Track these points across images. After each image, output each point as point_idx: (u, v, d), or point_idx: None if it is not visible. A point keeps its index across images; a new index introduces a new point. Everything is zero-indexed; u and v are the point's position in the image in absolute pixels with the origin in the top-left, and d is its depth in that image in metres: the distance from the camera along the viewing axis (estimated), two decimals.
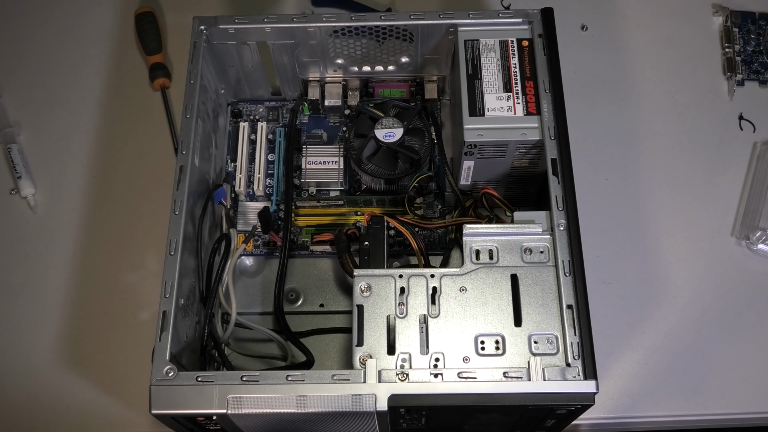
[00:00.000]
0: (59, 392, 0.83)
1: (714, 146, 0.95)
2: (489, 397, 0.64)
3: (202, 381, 0.65)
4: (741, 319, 0.85)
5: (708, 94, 0.98)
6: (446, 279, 0.69)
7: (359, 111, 0.86)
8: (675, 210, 0.91)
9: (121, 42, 1.02)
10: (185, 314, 0.73)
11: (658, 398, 0.82)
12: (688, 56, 1.00)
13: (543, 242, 0.70)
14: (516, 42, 0.79)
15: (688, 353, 0.84)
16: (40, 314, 0.86)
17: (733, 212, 0.91)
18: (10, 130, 0.95)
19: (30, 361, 0.84)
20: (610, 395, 0.82)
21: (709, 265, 0.88)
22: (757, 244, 0.88)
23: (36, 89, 0.99)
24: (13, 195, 0.92)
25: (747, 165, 0.93)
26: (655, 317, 0.85)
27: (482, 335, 0.67)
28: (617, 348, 0.84)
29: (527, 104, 0.76)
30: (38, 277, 0.88)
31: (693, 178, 0.93)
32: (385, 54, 0.86)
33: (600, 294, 0.86)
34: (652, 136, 0.95)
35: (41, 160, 0.95)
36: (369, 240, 0.75)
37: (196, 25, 0.80)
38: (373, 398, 0.64)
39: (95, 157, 0.94)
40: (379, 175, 0.83)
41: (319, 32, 0.81)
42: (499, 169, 0.80)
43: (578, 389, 0.64)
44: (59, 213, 0.92)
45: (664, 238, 0.89)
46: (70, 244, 0.90)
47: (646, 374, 0.83)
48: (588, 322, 0.66)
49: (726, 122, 0.96)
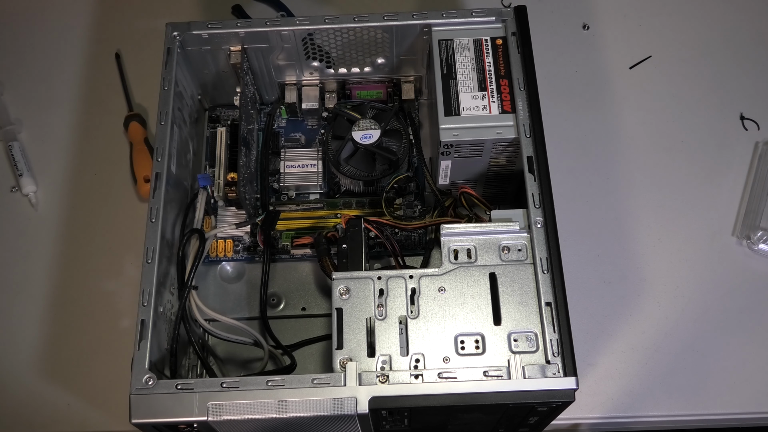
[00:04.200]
0: (37, 399, 0.82)
1: (715, 146, 0.95)
2: (469, 396, 0.64)
3: (181, 389, 0.65)
4: (741, 319, 0.85)
5: (710, 93, 0.98)
6: (425, 279, 0.69)
7: (336, 113, 0.86)
8: (676, 209, 0.91)
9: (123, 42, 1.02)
10: (165, 322, 0.73)
11: (659, 398, 0.82)
12: (690, 55, 1.00)
13: (521, 240, 0.70)
14: (490, 41, 0.79)
15: (689, 353, 0.84)
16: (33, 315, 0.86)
17: (734, 212, 0.91)
18: (11, 127, 0.95)
19: (8, 367, 0.84)
20: (611, 395, 0.82)
21: (710, 265, 0.88)
22: (758, 244, 0.88)
23: (37, 87, 0.99)
24: (14, 193, 0.92)
25: (748, 165, 0.93)
26: (656, 317, 0.85)
27: (462, 335, 0.67)
28: (618, 347, 0.84)
29: (502, 102, 0.76)
30: (37, 275, 0.88)
31: (694, 178, 0.93)
32: (360, 55, 0.86)
33: (601, 293, 0.86)
34: (654, 135, 0.95)
35: (42, 157, 0.95)
36: (347, 243, 0.75)
37: (169, 32, 0.80)
38: (354, 401, 0.64)
39: (97, 155, 0.94)
40: (358, 177, 0.83)
41: (293, 35, 0.81)
42: (476, 168, 0.80)
43: (558, 386, 0.64)
44: (60, 210, 0.91)
45: (665, 238, 0.89)
46: (72, 241, 0.89)
47: (647, 374, 0.83)
48: (567, 318, 0.66)
49: (728, 122, 0.96)
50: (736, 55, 1.00)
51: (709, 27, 1.02)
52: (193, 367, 0.79)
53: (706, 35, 1.02)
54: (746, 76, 0.99)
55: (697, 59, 1.00)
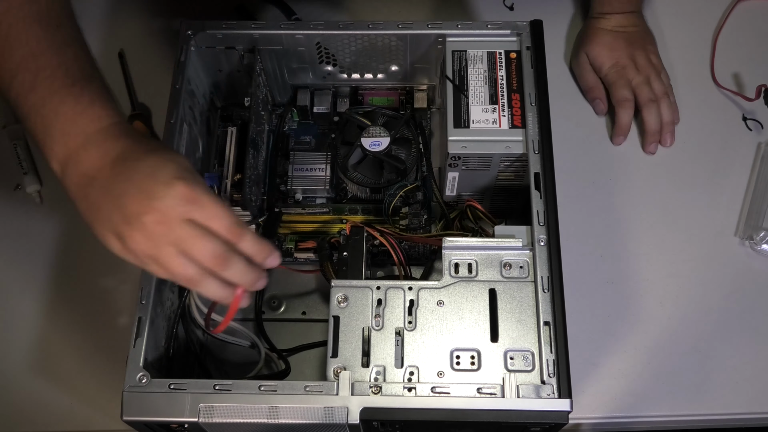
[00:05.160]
0: (32, 395, 0.82)
1: (718, 146, 0.94)
2: (461, 413, 0.63)
3: (174, 389, 0.65)
4: (744, 319, 0.85)
5: (713, 94, 0.97)
6: (424, 292, 0.69)
7: (347, 119, 0.85)
8: (679, 209, 0.91)
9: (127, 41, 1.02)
10: (164, 320, 0.73)
11: (661, 398, 0.81)
12: (692, 56, 1.00)
13: (523, 257, 0.70)
14: (504, 54, 0.78)
15: (692, 353, 0.83)
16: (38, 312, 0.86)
17: (737, 212, 0.90)
18: (16, 126, 0.96)
19: (9, 364, 0.84)
20: (613, 394, 0.82)
21: (713, 266, 0.88)
22: (760, 244, 0.87)
23: None
24: (19, 191, 0.93)
25: (751, 165, 0.93)
26: (659, 317, 0.85)
27: (458, 350, 0.66)
28: (620, 347, 0.84)
29: (512, 117, 0.76)
30: (41, 273, 0.88)
31: (697, 178, 0.93)
32: (374, 62, 0.85)
33: (603, 293, 0.86)
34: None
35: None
36: (348, 250, 0.75)
37: (183, 29, 0.80)
38: (345, 411, 0.63)
39: None
40: (365, 184, 0.83)
41: (307, 39, 0.81)
42: (484, 181, 0.80)
43: (552, 407, 0.63)
44: (64, 209, 0.91)
45: (668, 238, 0.89)
46: (76, 239, 0.89)
47: (650, 374, 0.82)
48: (565, 339, 0.65)
49: (731, 122, 0.95)
50: (739, 55, 0.99)
51: (711, 27, 1.01)
52: (190, 366, 0.79)
53: (708, 35, 1.01)
54: (750, 76, 0.98)
55: (699, 60, 0.99)
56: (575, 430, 0.83)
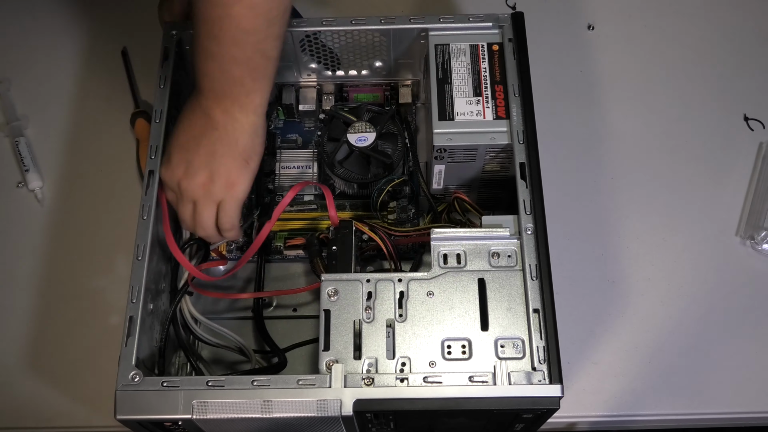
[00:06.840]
0: (26, 392, 0.82)
1: (720, 146, 0.95)
2: (454, 401, 0.64)
3: (167, 386, 0.65)
4: (745, 319, 0.85)
5: (714, 93, 0.98)
6: (413, 283, 0.69)
7: (332, 115, 0.86)
8: (680, 209, 0.91)
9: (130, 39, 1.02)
10: (157, 319, 0.73)
11: (661, 396, 0.82)
12: (695, 55, 1.00)
13: (510, 246, 0.70)
14: (486, 46, 0.79)
15: (692, 352, 0.84)
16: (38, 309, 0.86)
17: (738, 212, 0.91)
18: (17, 123, 0.96)
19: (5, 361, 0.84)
20: (614, 393, 0.82)
21: (714, 265, 0.88)
22: (761, 244, 0.88)
23: (43, 84, 1.00)
24: (21, 188, 0.93)
25: (752, 165, 0.94)
26: (659, 316, 0.85)
27: (449, 339, 0.67)
28: (621, 346, 0.84)
29: (497, 108, 0.76)
30: (43, 270, 0.88)
31: (699, 178, 0.93)
32: (358, 58, 0.86)
33: (604, 292, 0.86)
34: (658, 135, 0.95)
35: (48, 153, 0.95)
36: (337, 245, 0.75)
37: (167, 30, 0.80)
38: (338, 403, 0.64)
39: (103, 152, 0.95)
40: (352, 180, 0.83)
41: (291, 37, 0.81)
42: (470, 173, 0.80)
43: (543, 393, 0.64)
44: (66, 206, 0.92)
45: (669, 237, 0.89)
46: (78, 237, 0.90)
47: (650, 372, 0.83)
48: (554, 326, 0.66)
49: (732, 122, 0.96)
50: (740, 55, 1.00)
51: (713, 27, 1.02)
52: (182, 365, 0.79)
53: (711, 35, 1.02)
54: (751, 76, 0.99)
55: (701, 59, 1.00)
56: (575, 428, 0.83)
